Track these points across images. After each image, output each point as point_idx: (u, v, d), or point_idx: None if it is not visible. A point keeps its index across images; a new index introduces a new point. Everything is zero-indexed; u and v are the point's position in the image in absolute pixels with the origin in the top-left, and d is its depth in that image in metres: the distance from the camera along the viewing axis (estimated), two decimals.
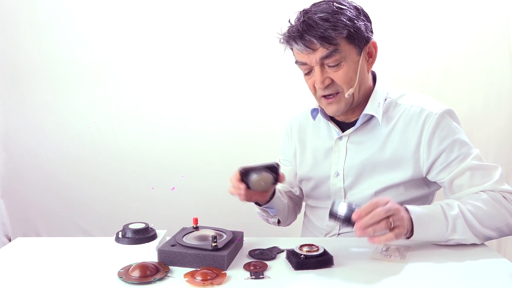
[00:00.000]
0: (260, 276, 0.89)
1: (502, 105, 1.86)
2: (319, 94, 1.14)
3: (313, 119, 1.27)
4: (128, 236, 1.03)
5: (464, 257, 0.99)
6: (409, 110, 1.14)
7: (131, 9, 1.92)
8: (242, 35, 1.92)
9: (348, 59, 1.09)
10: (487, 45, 1.84)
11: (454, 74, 1.87)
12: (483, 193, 1.06)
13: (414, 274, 0.90)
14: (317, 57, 1.08)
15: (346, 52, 1.08)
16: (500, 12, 1.81)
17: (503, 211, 1.04)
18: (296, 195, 1.36)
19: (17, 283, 0.89)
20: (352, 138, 1.19)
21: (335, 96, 1.13)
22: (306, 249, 0.94)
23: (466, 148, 1.11)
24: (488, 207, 1.04)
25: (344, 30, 1.06)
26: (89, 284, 0.88)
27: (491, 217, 1.03)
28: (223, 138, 1.97)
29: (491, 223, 1.03)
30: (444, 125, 1.11)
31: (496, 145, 1.88)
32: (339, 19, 1.06)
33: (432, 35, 1.86)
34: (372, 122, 1.17)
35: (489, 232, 1.03)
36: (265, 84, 1.94)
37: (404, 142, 1.13)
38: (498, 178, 1.08)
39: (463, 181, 1.09)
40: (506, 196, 1.06)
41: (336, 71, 1.10)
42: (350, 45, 1.09)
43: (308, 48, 1.07)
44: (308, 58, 1.09)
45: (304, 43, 1.07)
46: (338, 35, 1.06)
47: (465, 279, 0.88)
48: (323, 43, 1.06)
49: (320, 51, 1.07)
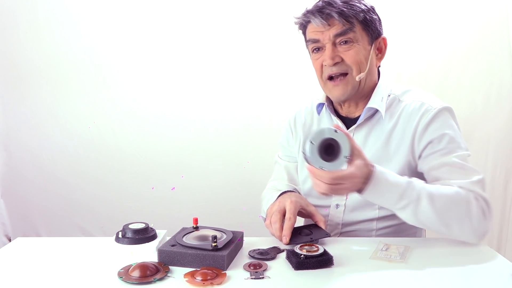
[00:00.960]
0: (260, 276, 0.89)
1: (502, 104, 1.86)
2: (326, 74, 1.15)
3: (317, 114, 1.27)
4: (128, 236, 1.03)
5: (464, 257, 0.99)
6: (410, 105, 1.15)
7: (131, 9, 1.92)
8: (242, 34, 1.92)
9: (360, 43, 1.14)
10: (487, 44, 1.84)
11: (454, 74, 1.87)
12: (456, 187, 1.03)
13: (414, 274, 0.90)
14: (332, 33, 1.12)
15: (359, 36, 1.13)
16: (500, 11, 1.82)
17: (466, 209, 1.00)
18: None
19: (17, 283, 0.89)
20: (357, 135, 1.19)
21: (343, 78, 1.14)
22: (306, 249, 0.94)
23: (454, 145, 1.10)
24: (452, 197, 1.00)
25: (361, 14, 1.12)
26: (89, 284, 0.88)
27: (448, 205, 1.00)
28: (223, 138, 1.97)
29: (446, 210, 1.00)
30: (440, 120, 1.12)
31: (496, 144, 1.88)
32: (356, 4, 1.13)
33: (432, 35, 1.86)
34: (376, 117, 1.18)
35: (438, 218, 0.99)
36: (265, 83, 1.94)
37: (405, 136, 1.14)
38: (475, 180, 1.04)
39: (440, 174, 1.08)
40: (478, 198, 1.02)
41: (347, 50, 1.13)
42: (363, 31, 1.14)
43: (325, 23, 1.11)
44: (322, 35, 1.13)
45: (322, 16, 1.11)
46: (355, 15, 1.12)
47: (465, 279, 0.88)
48: (341, 18, 1.10)
49: (336, 28, 1.11)
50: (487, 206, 1.03)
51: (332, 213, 1.22)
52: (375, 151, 1.16)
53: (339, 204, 1.21)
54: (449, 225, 1.01)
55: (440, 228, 1.02)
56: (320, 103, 1.26)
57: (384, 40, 1.20)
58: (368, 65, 1.15)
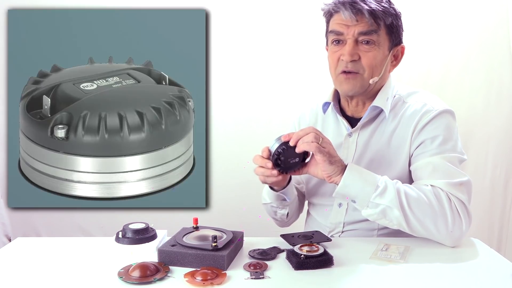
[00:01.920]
0: (260, 276, 0.89)
1: (502, 105, 1.86)
2: (340, 68, 1.15)
3: (323, 113, 1.28)
4: (128, 236, 1.03)
5: (464, 257, 0.99)
6: (413, 106, 1.16)
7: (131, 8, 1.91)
8: (241, 34, 1.92)
9: (380, 47, 1.14)
10: (487, 44, 1.84)
11: (454, 74, 1.87)
12: (430, 186, 1.05)
13: (414, 274, 0.90)
14: (357, 30, 1.12)
15: (382, 39, 1.14)
16: (500, 12, 1.82)
17: (436, 210, 1.01)
18: (301, 193, 1.37)
19: (17, 283, 0.89)
20: (361, 135, 1.20)
21: (355, 75, 1.14)
22: (306, 249, 0.94)
23: (445, 147, 1.10)
24: (424, 197, 1.02)
25: (389, 18, 1.13)
26: (89, 284, 0.88)
27: (420, 206, 1.01)
28: (223, 137, 1.97)
29: (418, 212, 1.01)
30: (439, 121, 1.12)
31: (496, 144, 1.89)
32: (387, 6, 1.13)
33: (432, 35, 1.86)
34: (380, 117, 1.19)
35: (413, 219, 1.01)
36: (265, 84, 1.94)
37: (405, 136, 1.14)
38: (455, 182, 1.05)
39: (422, 174, 1.09)
40: (451, 199, 1.03)
41: (367, 51, 1.13)
42: (387, 35, 1.15)
43: (354, 17, 1.10)
44: (347, 29, 1.13)
45: (353, 10, 1.10)
46: (384, 18, 1.12)
47: (465, 279, 0.88)
48: (370, 18, 1.10)
49: (362, 26, 1.11)
50: (464, 208, 1.04)
51: (335, 212, 1.22)
52: (377, 151, 1.17)
53: (341, 203, 1.21)
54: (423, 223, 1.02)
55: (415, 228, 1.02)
56: (326, 102, 1.26)
57: (403, 48, 1.21)
58: (382, 71, 1.16)
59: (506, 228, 1.91)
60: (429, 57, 1.87)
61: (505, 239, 1.91)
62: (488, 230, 1.92)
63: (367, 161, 1.18)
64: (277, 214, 1.29)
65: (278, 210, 1.28)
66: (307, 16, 1.84)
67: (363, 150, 1.19)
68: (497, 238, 1.92)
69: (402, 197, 1.01)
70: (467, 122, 1.88)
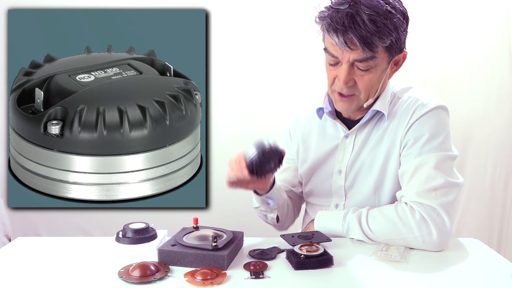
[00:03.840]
0: (260, 276, 0.89)
1: (502, 105, 1.86)
2: (336, 88, 1.12)
3: (319, 118, 1.26)
4: (128, 236, 1.03)
5: (464, 257, 0.99)
6: (406, 102, 1.15)
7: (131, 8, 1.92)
8: (240, 34, 1.92)
9: (378, 67, 1.08)
10: (487, 44, 1.85)
11: (454, 74, 1.87)
12: (393, 205, 1.08)
13: (414, 274, 0.90)
14: (352, 57, 1.05)
15: (379, 60, 1.07)
16: (500, 12, 1.82)
17: (400, 227, 1.03)
18: (296, 194, 1.36)
19: (17, 283, 0.89)
20: (358, 137, 1.19)
21: (350, 97, 1.12)
22: (306, 249, 0.94)
23: (430, 145, 1.09)
24: (384, 219, 1.06)
25: (387, 40, 1.03)
26: (89, 284, 0.88)
27: (381, 229, 1.05)
28: (223, 137, 1.97)
29: (380, 235, 1.05)
30: (431, 117, 1.10)
31: (496, 145, 1.89)
32: (387, 25, 1.02)
33: (432, 35, 1.86)
34: (376, 117, 1.17)
35: (382, 241, 1.05)
36: (264, 84, 1.94)
37: (397, 133, 1.13)
38: (427, 188, 1.04)
39: (403, 180, 1.10)
40: (416, 209, 1.04)
41: (363, 75, 1.08)
42: (385, 53, 1.07)
43: (346, 46, 1.02)
44: (342, 54, 1.06)
45: (345, 40, 1.02)
46: (381, 43, 1.03)
47: (465, 279, 0.88)
48: (364, 47, 1.02)
49: (357, 53, 1.03)
50: (433, 213, 1.03)
51: None
52: (370, 151, 1.17)
53: (338, 204, 1.21)
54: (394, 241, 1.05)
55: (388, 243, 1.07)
56: (320, 107, 1.23)
57: (405, 55, 1.13)
58: (379, 87, 1.12)
59: (506, 228, 1.91)
60: (429, 58, 1.87)
61: (505, 239, 1.91)
62: (488, 230, 1.92)
63: (361, 161, 1.18)
64: (268, 218, 1.29)
65: (268, 214, 1.28)
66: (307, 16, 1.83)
67: (359, 151, 1.19)
68: (497, 238, 1.92)
69: (365, 229, 1.07)
70: (467, 123, 1.88)
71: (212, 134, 1.97)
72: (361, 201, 1.16)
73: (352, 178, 1.19)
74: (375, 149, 1.16)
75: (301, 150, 1.30)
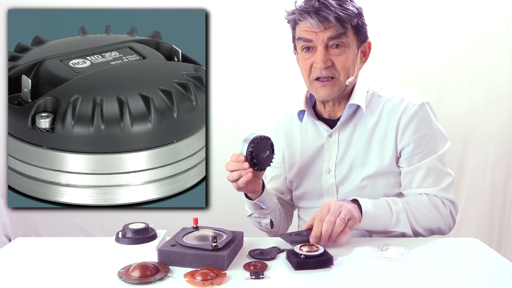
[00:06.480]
0: (260, 276, 0.89)
1: (502, 104, 1.86)
2: (314, 75, 1.17)
3: (300, 121, 1.28)
4: (128, 236, 1.03)
5: (464, 257, 0.99)
6: (391, 101, 1.19)
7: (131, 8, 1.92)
8: (240, 33, 1.92)
9: (350, 48, 1.15)
10: (487, 44, 1.84)
11: (454, 74, 1.87)
12: (425, 196, 1.15)
13: (414, 274, 0.90)
14: (326, 36, 1.13)
15: (350, 40, 1.15)
16: (500, 11, 1.82)
17: (438, 216, 1.14)
18: (286, 201, 1.37)
19: (17, 283, 0.89)
20: (342, 134, 1.22)
21: (330, 80, 1.16)
22: (306, 249, 0.94)
23: (432, 145, 1.17)
24: (426, 209, 1.13)
25: (354, 19, 1.14)
26: (89, 284, 0.88)
27: (426, 218, 1.13)
28: (223, 137, 1.97)
29: (425, 223, 1.13)
30: (421, 116, 1.16)
31: (496, 144, 1.89)
32: (349, 8, 1.14)
33: (432, 35, 1.86)
34: (358, 114, 1.21)
35: (421, 230, 1.13)
36: (264, 84, 1.94)
37: (388, 132, 1.17)
38: (445, 186, 1.16)
39: (414, 178, 1.17)
40: (445, 202, 1.16)
41: (338, 54, 1.15)
42: (354, 35, 1.16)
43: (321, 25, 1.11)
44: (316, 36, 1.13)
45: (319, 18, 1.11)
46: (350, 20, 1.13)
47: (465, 279, 0.88)
48: (337, 23, 1.11)
49: (330, 31, 1.12)
50: (453, 206, 1.18)
51: None
52: (360, 148, 1.20)
53: None
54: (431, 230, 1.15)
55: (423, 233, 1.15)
56: (300, 110, 1.27)
57: (369, 44, 1.22)
58: (356, 69, 1.18)
59: (506, 228, 1.91)
60: (429, 57, 1.87)
61: (505, 239, 1.91)
62: (488, 230, 1.92)
63: (351, 159, 1.21)
64: (262, 225, 1.29)
65: (261, 220, 1.28)
66: None
67: (345, 149, 1.21)
68: (497, 238, 1.92)
69: (411, 220, 1.11)
70: (467, 122, 1.88)
71: (212, 134, 1.97)
72: (351, 193, 1.19)
73: (342, 175, 1.21)
74: (365, 146, 1.19)
75: (287, 156, 1.31)
